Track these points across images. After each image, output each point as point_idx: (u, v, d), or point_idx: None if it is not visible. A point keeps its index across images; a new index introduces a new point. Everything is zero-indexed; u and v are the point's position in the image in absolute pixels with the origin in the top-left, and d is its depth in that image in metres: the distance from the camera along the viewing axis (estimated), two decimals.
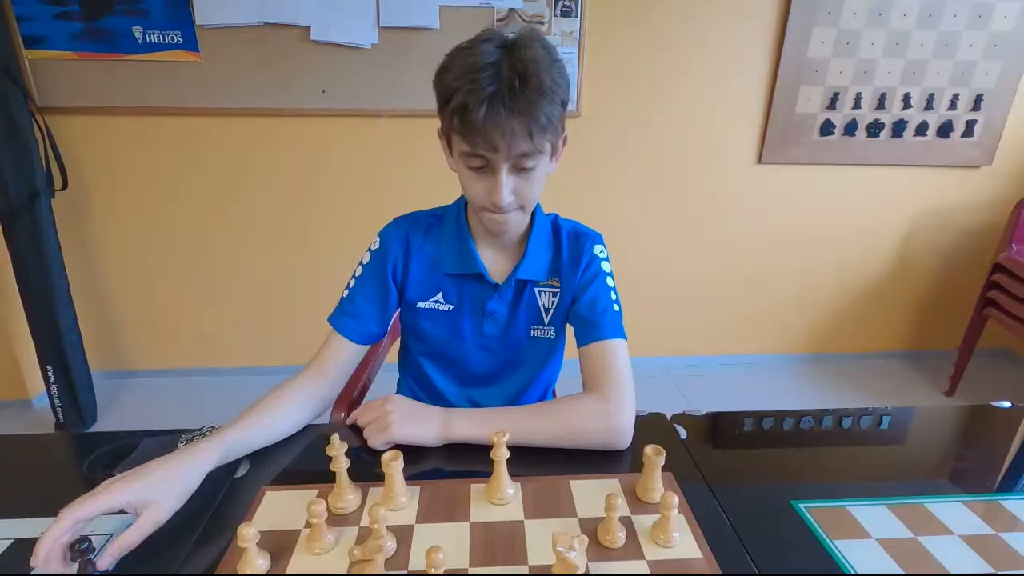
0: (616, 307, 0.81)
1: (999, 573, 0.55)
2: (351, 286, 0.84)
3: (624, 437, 0.71)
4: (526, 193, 0.73)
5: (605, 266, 0.84)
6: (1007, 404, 0.85)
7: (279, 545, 0.55)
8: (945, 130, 2.10)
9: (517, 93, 0.64)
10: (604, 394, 0.72)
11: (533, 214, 0.83)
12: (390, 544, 0.53)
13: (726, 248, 2.26)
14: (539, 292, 0.84)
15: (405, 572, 0.52)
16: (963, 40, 1.98)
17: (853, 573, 0.54)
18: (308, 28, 1.83)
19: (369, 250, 0.85)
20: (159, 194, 2.02)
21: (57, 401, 1.89)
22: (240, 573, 0.51)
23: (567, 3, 1.86)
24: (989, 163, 2.16)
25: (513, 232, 0.79)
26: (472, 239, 0.82)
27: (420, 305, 0.84)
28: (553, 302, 0.84)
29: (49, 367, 1.87)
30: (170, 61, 1.84)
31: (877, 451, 0.76)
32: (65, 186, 1.87)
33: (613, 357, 0.75)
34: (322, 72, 1.88)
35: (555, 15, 1.88)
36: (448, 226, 0.84)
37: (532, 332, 0.86)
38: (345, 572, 0.52)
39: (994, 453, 0.75)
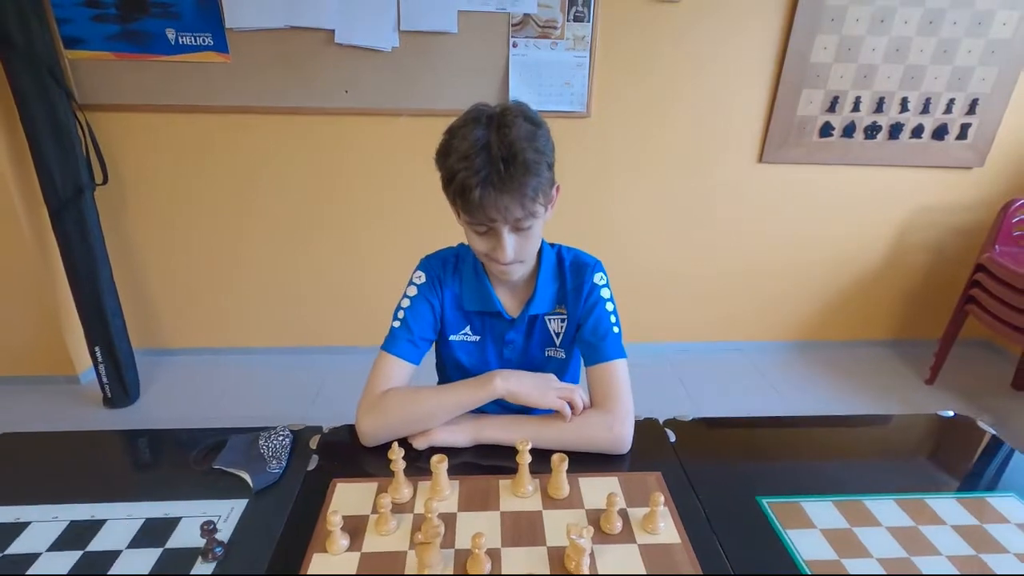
0: (616, 329, 0.94)
1: (912, 559, 0.70)
2: (402, 316, 0.93)
3: (624, 444, 0.86)
4: (526, 247, 0.85)
5: (604, 292, 0.96)
6: (950, 413, 1.00)
7: (353, 527, 0.71)
8: (940, 133, 2.19)
9: (504, 174, 0.75)
10: (608, 409, 0.87)
11: (540, 251, 0.94)
12: (441, 529, 0.69)
13: (726, 242, 2.38)
14: (549, 320, 0.97)
15: (453, 549, 0.68)
16: (962, 47, 2.05)
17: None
18: (332, 31, 1.92)
19: (414, 283, 0.96)
20: (191, 186, 2.15)
21: (105, 379, 2.07)
22: (329, 549, 0.67)
23: (579, 9, 1.94)
24: (981, 164, 2.26)
25: (518, 278, 0.92)
26: (488, 281, 0.94)
27: (452, 338, 0.98)
28: (562, 327, 0.98)
29: (97, 348, 2.04)
30: (201, 62, 1.94)
31: (832, 455, 0.91)
32: (105, 180, 1.99)
33: (615, 377, 0.89)
34: (345, 73, 1.98)
35: (568, 20, 1.95)
36: (467, 267, 0.96)
37: (547, 352, 1.00)
38: (408, 549, 0.68)
39: (930, 457, 0.90)
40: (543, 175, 0.79)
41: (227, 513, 0.74)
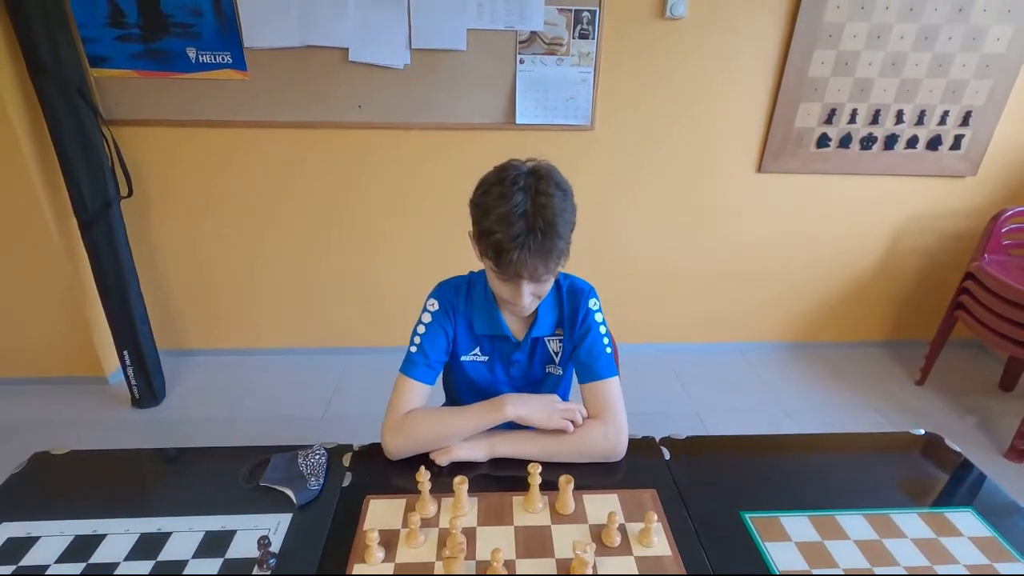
0: (608, 350, 1.04)
1: (873, 570, 0.81)
2: (418, 342, 1.03)
3: (620, 452, 0.98)
4: (541, 291, 0.96)
5: (597, 317, 1.06)
6: (921, 431, 1.09)
7: (386, 541, 0.81)
8: (934, 143, 2.26)
9: (539, 241, 0.85)
10: (605, 421, 0.98)
11: None
12: (464, 544, 0.79)
13: (726, 247, 2.47)
14: (549, 341, 1.08)
15: (475, 561, 0.78)
16: (956, 61, 2.11)
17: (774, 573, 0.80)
18: (346, 50, 1.99)
19: (428, 311, 1.05)
20: (212, 197, 2.24)
21: (133, 381, 2.18)
22: (367, 560, 0.78)
23: (584, 27, 2.00)
24: (974, 173, 2.33)
25: (530, 312, 1.02)
26: (498, 308, 1.04)
27: (463, 358, 1.09)
28: (560, 347, 1.09)
29: (125, 352, 2.15)
30: (221, 79, 2.02)
31: (810, 471, 1.01)
32: (130, 193, 2.09)
33: (609, 392, 1.00)
34: (358, 89, 2.06)
35: (573, 37, 2.02)
36: (478, 294, 1.05)
37: (547, 369, 1.11)
38: (435, 560, 0.79)
39: (899, 474, 1.00)
40: (567, 239, 0.90)
41: (275, 526, 0.85)
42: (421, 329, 1.04)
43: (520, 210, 0.85)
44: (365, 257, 2.40)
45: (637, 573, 0.77)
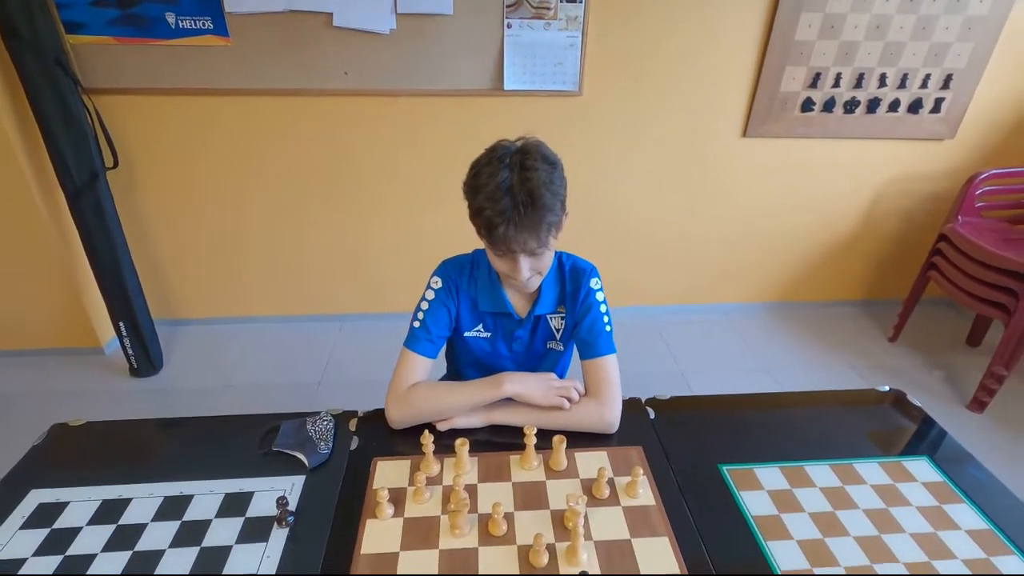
0: (608, 328, 1.09)
1: (835, 512, 0.89)
2: (422, 318, 1.07)
3: (613, 427, 1.03)
4: (540, 266, 0.99)
5: (599, 296, 1.10)
6: (886, 388, 1.18)
7: (394, 498, 0.88)
8: (915, 107, 2.29)
9: (525, 215, 0.88)
10: (600, 399, 1.03)
11: None
12: (467, 500, 0.86)
13: (709, 211, 2.52)
14: (551, 318, 1.13)
15: (476, 514, 0.86)
16: (940, 23, 2.13)
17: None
18: (330, 14, 1.96)
19: (432, 288, 1.09)
20: (198, 165, 2.23)
21: (130, 351, 2.21)
22: (378, 515, 0.85)
23: None
24: (952, 136, 2.38)
25: (534, 289, 1.06)
26: (501, 286, 1.08)
27: (467, 334, 1.13)
28: (561, 324, 1.13)
29: (121, 323, 2.18)
30: (202, 45, 1.98)
31: (783, 426, 1.09)
32: (116, 164, 2.07)
33: (607, 370, 1.05)
34: (344, 55, 2.03)
35: (561, 1, 2.00)
36: (482, 273, 1.09)
37: (548, 345, 1.16)
38: (440, 514, 0.86)
39: (864, 427, 1.09)
40: (557, 212, 0.92)
41: (290, 487, 0.92)
42: (424, 305, 1.08)
43: (506, 185, 0.88)
44: (354, 224, 2.41)
45: (626, 526, 0.85)
